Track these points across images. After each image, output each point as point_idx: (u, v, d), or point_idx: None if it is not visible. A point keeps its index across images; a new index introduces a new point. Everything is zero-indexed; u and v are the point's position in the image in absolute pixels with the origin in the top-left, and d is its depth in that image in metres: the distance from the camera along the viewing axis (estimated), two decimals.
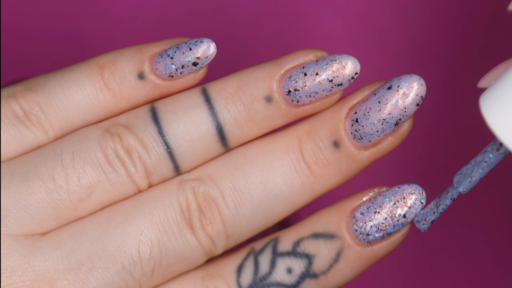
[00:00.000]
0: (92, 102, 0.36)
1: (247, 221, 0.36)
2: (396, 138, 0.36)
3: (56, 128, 0.36)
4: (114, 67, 0.36)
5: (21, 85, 0.36)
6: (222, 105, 0.36)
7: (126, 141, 0.35)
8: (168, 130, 0.36)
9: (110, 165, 0.35)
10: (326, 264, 0.36)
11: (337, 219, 0.36)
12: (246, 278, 0.36)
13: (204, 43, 0.36)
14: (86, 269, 0.34)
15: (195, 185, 0.35)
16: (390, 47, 0.56)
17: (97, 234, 0.35)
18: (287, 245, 0.36)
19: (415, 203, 0.36)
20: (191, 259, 0.35)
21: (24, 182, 0.35)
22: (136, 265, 0.35)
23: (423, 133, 0.55)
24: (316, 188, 0.36)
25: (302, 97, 0.36)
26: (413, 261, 0.58)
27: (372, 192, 0.37)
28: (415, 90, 0.35)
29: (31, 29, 0.55)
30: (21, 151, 0.35)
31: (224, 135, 0.36)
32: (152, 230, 0.35)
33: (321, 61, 0.36)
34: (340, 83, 0.36)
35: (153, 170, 0.35)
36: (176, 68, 0.36)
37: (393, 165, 0.56)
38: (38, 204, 0.34)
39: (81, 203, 0.35)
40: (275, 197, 0.36)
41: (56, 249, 0.34)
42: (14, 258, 0.34)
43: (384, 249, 0.36)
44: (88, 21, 0.55)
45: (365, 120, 0.36)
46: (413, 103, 0.35)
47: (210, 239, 0.35)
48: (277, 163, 0.36)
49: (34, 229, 0.34)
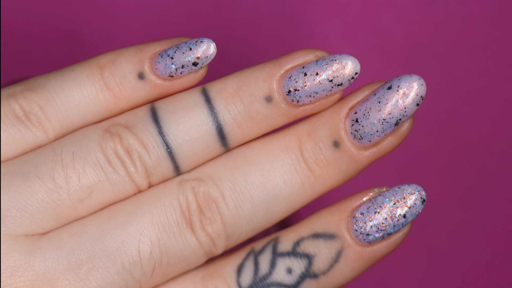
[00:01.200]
0: (92, 102, 0.36)
1: (247, 221, 0.36)
2: (396, 138, 0.36)
3: (56, 128, 0.36)
4: (114, 67, 0.36)
5: (21, 85, 0.36)
6: (222, 105, 0.36)
7: (126, 141, 0.35)
8: (168, 130, 0.36)
9: (110, 165, 0.35)
10: (326, 264, 0.36)
11: (337, 219, 0.36)
12: (246, 278, 0.36)
13: (204, 43, 0.36)
14: (86, 269, 0.34)
15: (195, 185, 0.35)
16: (390, 47, 0.56)
17: (97, 234, 0.35)
18: (287, 245, 0.36)
19: (415, 203, 0.36)
20: (191, 259, 0.35)
21: (24, 182, 0.34)
22: (136, 265, 0.35)
23: (423, 133, 0.55)
24: (316, 188, 0.36)
25: (302, 97, 0.36)
26: (413, 261, 0.58)
27: (372, 192, 0.37)
28: (415, 90, 0.35)
29: (31, 29, 0.55)
30: (21, 151, 0.35)
31: (224, 135, 0.36)
32: (152, 230, 0.35)
33: (321, 61, 0.36)
34: (340, 83, 0.36)
35: (153, 170, 0.35)
36: (176, 68, 0.36)
37: (393, 165, 0.56)
38: (38, 204, 0.34)
39: (81, 203, 0.35)
40: (275, 197, 0.36)
41: (56, 249, 0.34)
42: (14, 258, 0.34)
43: (384, 249, 0.36)
44: (88, 20, 0.55)
45: (365, 120, 0.36)
46: (413, 103, 0.35)
47: (210, 239, 0.35)
48: (277, 163, 0.36)
49: (34, 229, 0.34)
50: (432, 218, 0.57)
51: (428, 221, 0.57)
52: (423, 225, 0.57)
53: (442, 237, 0.57)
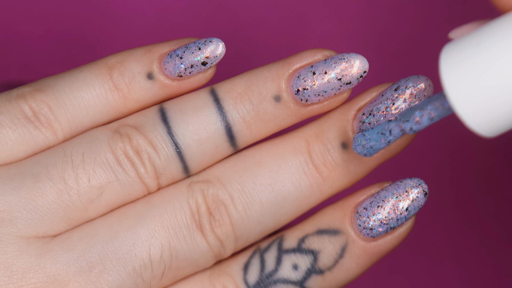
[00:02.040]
0: (101, 102, 0.36)
1: (256, 223, 0.36)
2: (403, 139, 0.36)
3: (65, 128, 0.36)
4: (123, 68, 0.36)
5: (30, 86, 0.36)
6: (231, 105, 0.36)
7: (135, 141, 0.35)
8: (177, 130, 0.36)
9: (120, 166, 0.35)
10: (332, 260, 0.36)
11: (340, 215, 0.36)
12: (252, 276, 0.36)
13: (213, 43, 0.36)
14: (97, 271, 0.34)
15: (204, 187, 0.35)
16: (389, 47, 0.55)
17: (108, 236, 0.35)
18: (292, 242, 0.36)
19: (417, 196, 0.36)
20: (200, 262, 0.36)
21: (35, 183, 0.35)
22: (147, 268, 0.35)
23: (423, 133, 0.55)
24: (324, 189, 0.36)
25: (311, 96, 0.36)
26: (413, 261, 0.58)
27: (374, 188, 0.37)
28: (422, 91, 0.35)
29: (31, 30, 0.55)
30: (31, 152, 0.35)
31: (233, 135, 0.36)
32: (163, 233, 0.35)
33: (330, 60, 0.36)
34: (348, 82, 0.36)
35: (163, 170, 0.36)
36: (185, 68, 0.36)
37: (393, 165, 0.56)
38: (48, 205, 0.35)
39: (91, 204, 0.35)
40: (283, 199, 0.36)
41: (67, 252, 0.34)
42: (25, 260, 0.34)
43: (389, 243, 0.36)
44: (88, 21, 0.55)
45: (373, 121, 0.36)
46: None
47: (220, 242, 0.35)
48: (285, 165, 0.36)
49: (45, 231, 0.35)
50: (433, 218, 0.57)
51: (428, 221, 0.57)
52: (423, 225, 0.57)
53: (442, 237, 0.57)
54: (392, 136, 0.34)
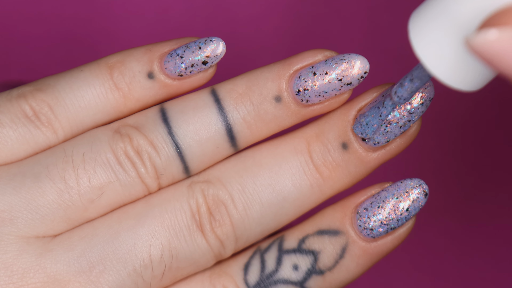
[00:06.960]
0: (102, 102, 0.36)
1: (256, 223, 0.36)
2: (404, 140, 0.36)
3: (66, 128, 0.36)
4: (124, 67, 0.36)
5: (31, 85, 0.36)
6: (232, 105, 0.36)
7: (136, 141, 0.35)
8: (177, 130, 0.36)
9: (120, 166, 0.35)
10: (332, 260, 0.36)
11: (341, 215, 0.36)
12: (253, 276, 0.36)
13: (214, 42, 0.36)
14: (97, 271, 0.34)
15: (204, 187, 0.36)
16: (390, 47, 0.56)
17: (108, 236, 0.35)
18: (292, 242, 0.36)
19: (418, 197, 0.36)
20: (200, 262, 0.36)
21: (35, 183, 0.35)
22: (147, 268, 0.35)
23: (424, 133, 0.55)
24: (324, 190, 0.36)
25: (312, 96, 0.36)
26: (413, 261, 0.58)
27: (375, 189, 0.37)
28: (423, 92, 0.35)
29: (31, 30, 0.55)
30: (31, 151, 0.35)
31: (234, 135, 0.36)
32: (163, 233, 0.35)
33: (330, 61, 0.36)
34: (349, 82, 0.36)
35: (163, 170, 0.36)
36: (186, 67, 0.36)
37: (393, 165, 0.56)
38: (49, 205, 0.35)
39: (92, 204, 0.35)
40: (284, 199, 0.36)
41: (68, 252, 0.34)
42: (25, 260, 0.34)
43: (389, 244, 0.37)
44: (88, 21, 0.55)
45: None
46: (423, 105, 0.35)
47: (220, 242, 0.35)
48: (285, 165, 0.36)
49: (45, 231, 0.35)
50: (432, 218, 0.57)
51: (428, 221, 0.57)
52: (423, 225, 0.57)
53: (442, 238, 0.57)
54: (384, 109, 0.34)
